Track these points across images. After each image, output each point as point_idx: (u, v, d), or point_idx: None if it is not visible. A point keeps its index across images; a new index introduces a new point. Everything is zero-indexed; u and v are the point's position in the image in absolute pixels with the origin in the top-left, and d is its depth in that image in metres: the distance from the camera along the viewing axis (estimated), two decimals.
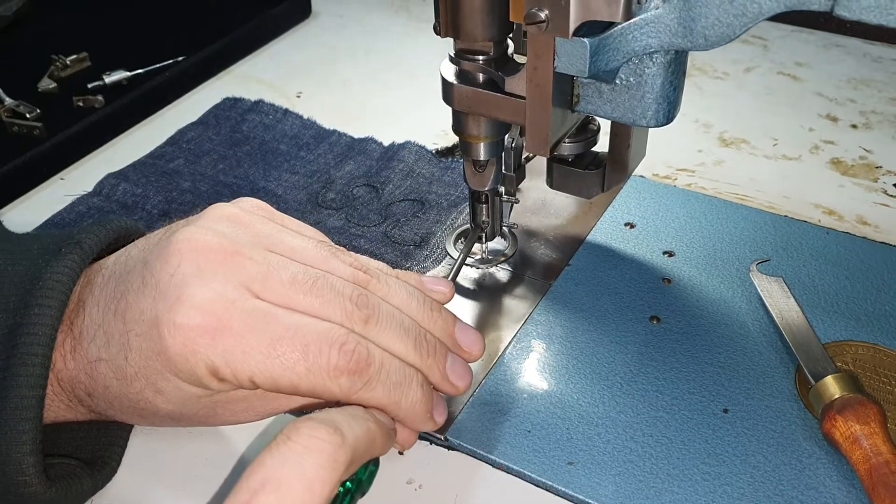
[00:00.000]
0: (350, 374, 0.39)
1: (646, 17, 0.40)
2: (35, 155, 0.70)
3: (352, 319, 0.40)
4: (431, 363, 0.42)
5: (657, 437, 0.47)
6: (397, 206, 0.65)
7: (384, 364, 0.40)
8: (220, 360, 0.38)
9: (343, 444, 0.35)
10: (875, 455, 0.43)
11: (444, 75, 0.49)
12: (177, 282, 0.38)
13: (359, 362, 0.39)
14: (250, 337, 0.38)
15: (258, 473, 0.33)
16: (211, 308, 0.38)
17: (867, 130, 0.72)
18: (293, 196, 0.67)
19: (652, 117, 0.45)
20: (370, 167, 0.69)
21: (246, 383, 0.38)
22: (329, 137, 0.73)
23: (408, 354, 0.42)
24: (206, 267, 0.39)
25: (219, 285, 0.38)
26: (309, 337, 0.38)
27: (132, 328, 0.39)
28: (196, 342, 0.37)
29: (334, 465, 0.34)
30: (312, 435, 0.34)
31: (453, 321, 0.45)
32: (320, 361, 0.38)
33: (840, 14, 0.36)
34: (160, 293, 0.38)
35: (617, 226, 0.62)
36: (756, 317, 0.54)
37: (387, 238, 0.62)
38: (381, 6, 0.96)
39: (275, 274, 0.40)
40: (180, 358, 0.38)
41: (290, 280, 0.40)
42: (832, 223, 0.62)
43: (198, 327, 0.37)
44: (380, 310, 0.41)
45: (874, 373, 0.50)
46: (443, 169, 0.68)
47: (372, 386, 0.39)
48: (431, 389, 0.43)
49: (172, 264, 0.39)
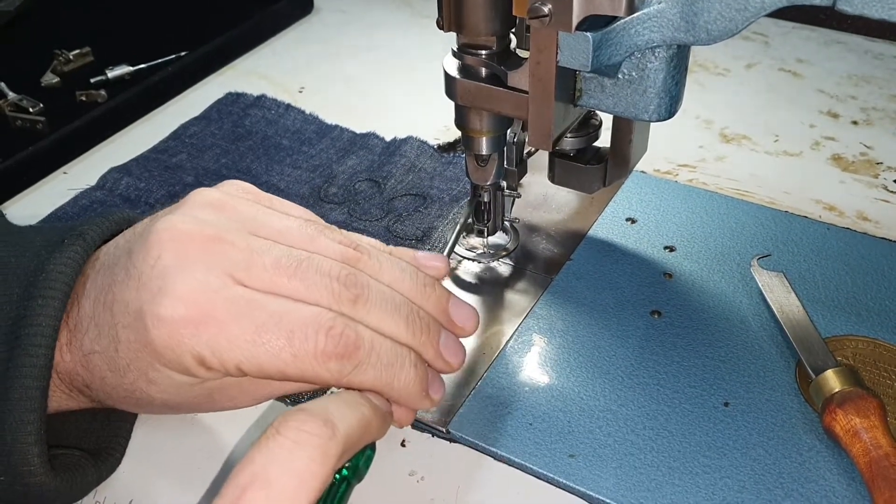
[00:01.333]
0: (339, 359, 0.38)
1: (648, 12, 0.40)
2: (38, 149, 0.70)
3: (339, 301, 0.39)
4: (425, 341, 0.42)
5: (658, 429, 0.48)
6: (399, 200, 0.65)
7: (374, 345, 0.39)
8: (206, 350, 0.37)
9: (334, 437, 0.34)
10: (875, 448, 0.43)
11: (446, 70, 0.50)
12: (158, 272, 0.38)
13: (347, 346, 0.38)
14: (234, 325, 0.37)
15: (247, 470, 0.33)
16: (194, 298, 0.37)
17: (868, 127, 0.73)
18: (296, 190, 0.67)
19: (654, 112, 0.45)
20: (372, 162, 0.70)
21: (234, 371, 0.38)
22: (331, 132, 0.74)
23: (399, 333, 0.41)
24: (187, 256, 0.38)
25: (201, 274, 0.38)
26: (294, 323, 0.38)
27: (119, 320, 0.39)
28: (181, 333, 0.37)
29: (325, 458, 0.34)
30: (301, 429, 0.34)
31: (447, 297, 0.44)
32: (307, 347, 0.38)
33: (842, 9, 0.36)
34: (143, 284, 0.38)
35: (618, 221, 0.62)
36: (756, 311, 0.54)
37: (389, 232, 0.62)
38: (383, 1, 0.96)
39: (257, 259, 0.39)
40: (167, 349, 0.37)
41: (274, 264, 0.39)
42: (833, 219, 0.62)
43: (182, 319, 0.37)
44: (369, 288, 0.40)
45: (874, 367, 0.51)
46: (444, 164, 0.69)
47: (363, 369, 0.39)
48: (426, 368, 0.42)
49: (153, 255, 0.38)
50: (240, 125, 0.75)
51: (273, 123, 0.75)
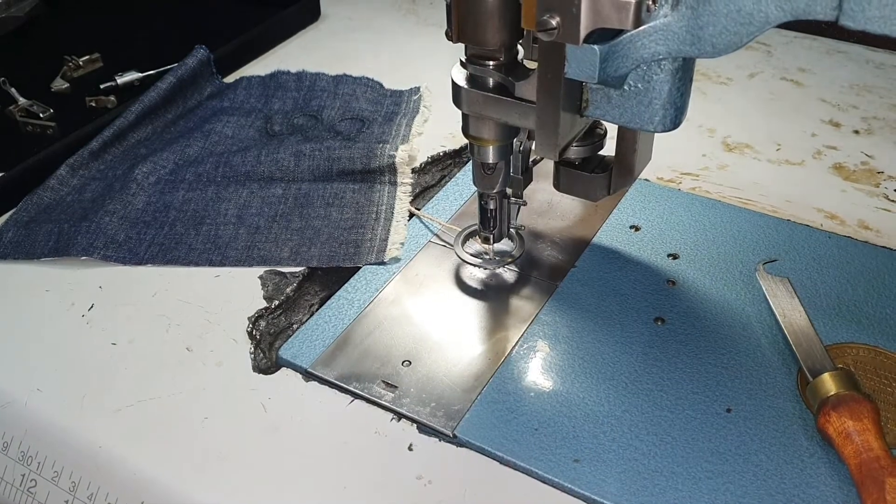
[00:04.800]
0: None
1: (655, 25, 0.41)
2: (49, 154, 0.71)
3: None
4: None
5: (661, 435, 0.48)
6: (340, 125, 0.75)
7: None
8: None
9: None
10: (866, 451, 0.44)
11: (454, 79, 0.50)
12: None
13: None
14: None
15: None
16: None
17: (869, 136, 0.73)
18: (245, 134, 0.75)
19: (659, 122, 0.45)
20: (295, 100, 0.79)
21: None
22: (240, 84, 0.82)
23: None
24: None
25: None
26: None
27: None
28: None
29: None
30: None
31: None
32: None
33: (845, 24, 0.37)
34: None
35: (622, 228, 0.63)
36: (759, 318, 0.55)
37: (350, 140, 0.72)
38: (390, 9, 0.97)
39: None
40: None
41: None
42: (834, 227, 0.63)
43: None
44: None
45: (875, 374, 0.51)
46: (364, 87, 0.80)
47: None
48: None
49: None
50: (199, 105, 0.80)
51: (216, 97, 0.81)
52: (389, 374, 0.53)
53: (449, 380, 0.52)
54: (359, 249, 0.62)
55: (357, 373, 0.53)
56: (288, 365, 0.54)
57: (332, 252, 0.62)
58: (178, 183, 0.69)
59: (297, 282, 0.60)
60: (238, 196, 0.67)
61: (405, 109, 0.78)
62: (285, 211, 0.66)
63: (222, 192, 0.67)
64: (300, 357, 0.54)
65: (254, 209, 0.66)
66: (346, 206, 0.66)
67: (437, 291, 0.59)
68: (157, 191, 0.68)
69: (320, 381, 0.53)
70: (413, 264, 0.61)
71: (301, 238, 0.63)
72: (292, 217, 0.65)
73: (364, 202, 0.66)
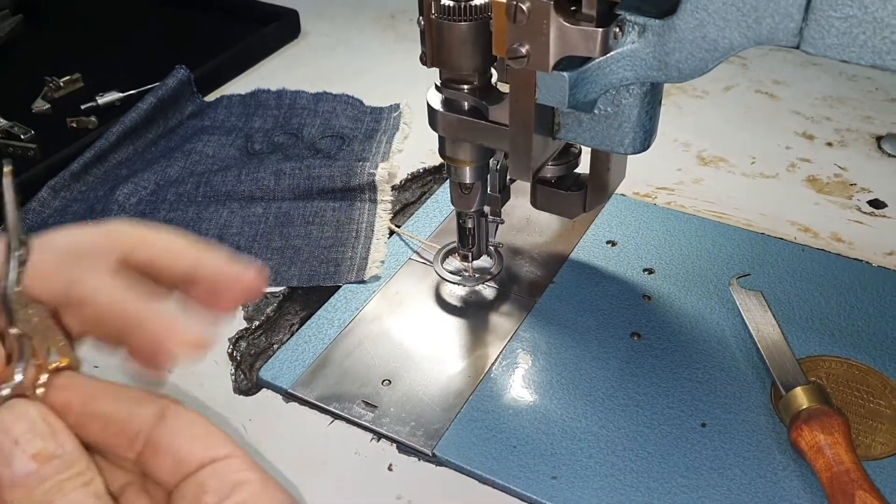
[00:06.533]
0: None
1: (622, 52, 0.42)
2: (30, 176, 0.71)
3: None
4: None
5: (637, 451, 0.49)
6: (320, 143, 0.76)
7: None
8: None
9: None
10: (837, 464, 0.45)
11: (430, 103, 0.51)
12: None
13: None
14: None
15: None
16: None
17: (842, 148, 0.75)
18: (225, 153, 0.75)
19: (629, 145, 0.46)
20: (276, 118, 0.80)
21: None
22: (220, 102, 0.83)
23: None
24: None
25: None
26: None
27: None
28: None
29: None
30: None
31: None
32: None
33: (806, 50, 0.38)
34: None
35: (599, 244, 0.64)
36: (734, 332, 0.56)
37: (330, 158, 0.73)
38: (370, 26, 0.98)
39: None
40: None
41: None
42: (807, 240, 0.64)
43: None
44: None
45: (847, 387, 0.52)
46: (343, 104, 0.81)
47: None
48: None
49: None
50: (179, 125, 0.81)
51: (196, 115, 0.82)
52: (369, 394, 0.53)
53: (428, 398, 0.53)
54: (339, 268, 0.63)
55: (337, 393, 0.53)
56: (268, 386, 0.54)
57: (312, 271, 0.63)
58: (160, 203, 0.69)
59: (277, 302, 0.60)
60: (219, 216, 0.68)
61: (385, 126, 0.79)
62: (266, 230, 0.66)
63: (203, 212, 0.68)
64: (280, 378, 0.54)
65: (234, 229, 0.67)
66: (326, 224, 0.67)
67: (418, 309, 0.59)
68: (138, 212, 0.68)
69: (300, 402, 0.53)
70: (393, 282, 0.62)
71: (281, 258, 0.64)
72: (273, 236, 0.66)
73: (344, 220, 0.67)
